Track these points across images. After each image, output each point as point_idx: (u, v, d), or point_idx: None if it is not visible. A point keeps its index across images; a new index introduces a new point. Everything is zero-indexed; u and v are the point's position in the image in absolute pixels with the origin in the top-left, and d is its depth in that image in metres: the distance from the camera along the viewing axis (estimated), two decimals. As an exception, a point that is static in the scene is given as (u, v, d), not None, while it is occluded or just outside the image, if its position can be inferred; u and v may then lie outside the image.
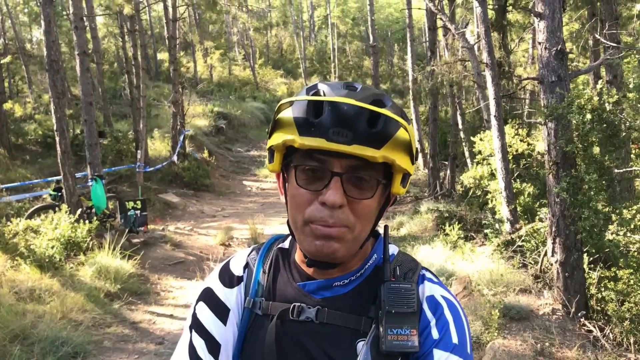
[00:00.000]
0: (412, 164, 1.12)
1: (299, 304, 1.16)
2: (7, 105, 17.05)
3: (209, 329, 1.20)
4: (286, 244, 1.30)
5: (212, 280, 1.28)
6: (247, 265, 1.28)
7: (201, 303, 1.24)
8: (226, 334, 1.20)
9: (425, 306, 1.13)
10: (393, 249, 1.23)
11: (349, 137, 1.01)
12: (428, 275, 1.20)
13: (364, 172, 1.06)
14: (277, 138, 1.09)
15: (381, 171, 1.09)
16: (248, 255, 1.30)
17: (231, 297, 1.24)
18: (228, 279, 1.27)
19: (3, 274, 6.71)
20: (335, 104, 1.02)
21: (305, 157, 1.07)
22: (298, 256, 1.23)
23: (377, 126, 1.03)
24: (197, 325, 1.21)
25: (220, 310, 1.22)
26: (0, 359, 5.09)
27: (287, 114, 1.07)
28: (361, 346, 1.08)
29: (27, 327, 5.58)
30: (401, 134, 1.06)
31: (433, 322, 1.11)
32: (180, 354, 1.20)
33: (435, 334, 1.10)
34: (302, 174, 1.08)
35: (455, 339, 1.09)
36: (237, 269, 1.28)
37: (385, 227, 1.25)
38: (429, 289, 1.16)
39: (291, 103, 1.08)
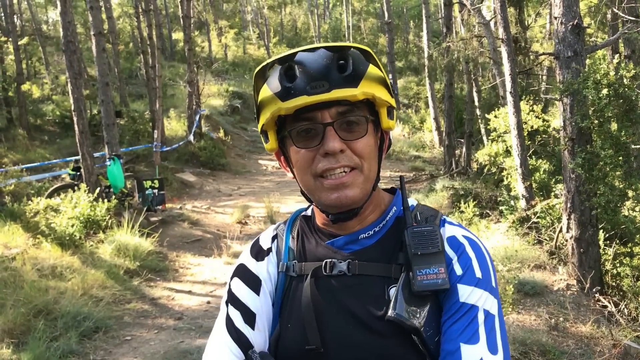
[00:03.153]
0: (391, 96, 1.19)
1: (330, 259, 1.22)
2: (25, 87, 17.20)
3: (244, 300, 1.26)
4: (309, 212, 1.37)
5: (245, 257, 1.35)
6: (275, 237, 1.35)
7: (235, 278, 1.31)
8: (260, 303, 1.26)
9: (446, 246, 1.17)
10: (412, 201, 1.29)
11: (326, 86, 1.09)
12: (449, 219, 1.25)
13: (352, 115, 1.13)
14: (264, 116, 1.17)
15: (366, 110, 1.16)
16: (276, 228, 1.38)
17: (262, 269, 1.30)
18: (258, 253, 1.33)
19: (25, 251, 6.86)
20: (303, 64, 1.10)
21: (295, 121, 1.14)
22: (319, 219, 1.29)
23: (348, 69, 1.10)
24: (232, 299, 1.28)
25: (253, 282, 1.28)
26: (25, 333, 5.25)
27: (265, 93, 1.16)
28: (393, 292, 1.13)
29: (50, 302, 5.73)
30: (372, 70, 1.14)
31: (455, 259, 1.15)
32: (218, 328, 1.27)
33: (458, 269, 1.14)
34: (298, 136, 1.15)
35: (478, 274, 1.13)
36: (265, 243, 1.35)
37: (401, 177, 1.31)
38: (450, 230, 1.21)
39: (264, 81, 1.16)
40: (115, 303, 6.31)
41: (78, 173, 9.52)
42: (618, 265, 6.59)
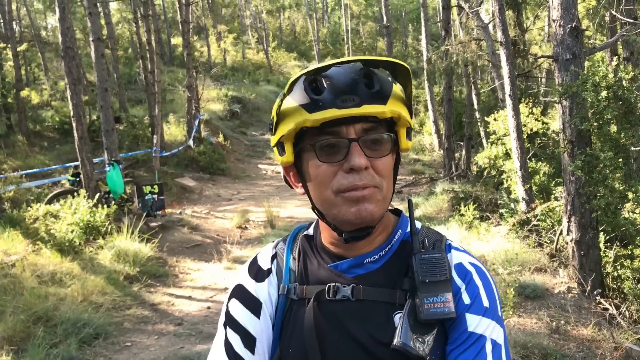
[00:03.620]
0: (411, 117, 1.18)
1: (333, 283, 1.18)
2: (24, 93, 17.18)
3: (243, 323, 1.22)
4: (310, 231, 1.32)
5: (242, 277, 1.30)
6: (275, 256, 1.30)
7: (233, 300, 1.26)
8: (260, 327, 1.22)
9: (454, 274, 1.15)
10: (417, 224, 1.25)
11: (356, 100, 1.07)
12: (454, 244, 1.23)
13: (376, 132, 1.11)
14: (285, 127, 1.12)
15: (387, 129, 1.15)
16: (275, 247, 1.33)
17: (262, 291, 1.25)
18: (257, 273, 1.29)
19: (25, 258, 6.84)
20: (330, 77, 1.09)
21: (318, 134, 1.10)
22: (325, 239, 1.24)
23: (375, 86, 1.09)
24: (231, 322, 1.24)
25: (253, 305, 1.24)
26: (25, 339, 5.23)
27: (289, 103, 1.12)
28: (398, 318, 1.11)
29: (49, 309, 5.71)
30: (396, 89, 1.14)
31: (463, 288, 1.14)
32: (216, 352, 1.22)
33: (466, 299, 1.12)
34: (321, 150, 1.11)
35: (486, 303, 1.12)
36: (264, 263, 1.30)
37: (410, 201, 1.29)
38: (456, 257, 1.19)
39: (290, 91, 1.13)
40: (115, 309, 6.30)
41: (77, 179, 9.51)
42: (619, 267, 6.59)
